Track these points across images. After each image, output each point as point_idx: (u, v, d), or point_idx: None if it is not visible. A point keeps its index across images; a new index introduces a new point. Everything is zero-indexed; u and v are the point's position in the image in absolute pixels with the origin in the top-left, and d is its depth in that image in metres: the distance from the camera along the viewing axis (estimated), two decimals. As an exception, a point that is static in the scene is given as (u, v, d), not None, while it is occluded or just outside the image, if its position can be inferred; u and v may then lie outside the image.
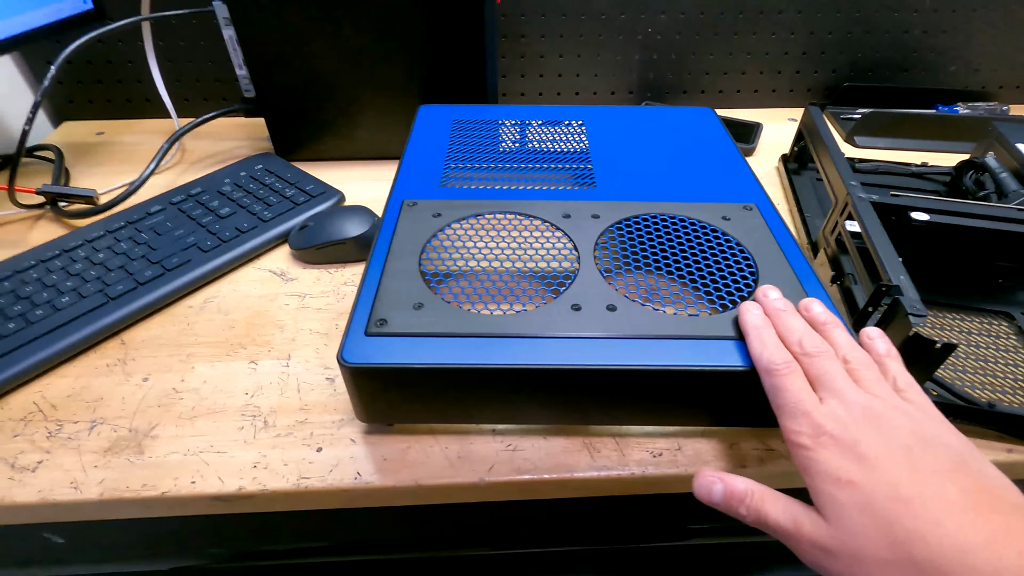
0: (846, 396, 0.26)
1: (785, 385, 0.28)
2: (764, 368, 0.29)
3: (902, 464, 0.24)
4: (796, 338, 0.30)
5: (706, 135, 0.52)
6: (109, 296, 0.43)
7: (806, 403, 0.27)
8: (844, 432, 0.25)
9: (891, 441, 0.24)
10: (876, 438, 0.25)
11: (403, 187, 0.45)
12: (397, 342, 0.32)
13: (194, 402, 0.38)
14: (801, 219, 0.53)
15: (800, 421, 0.26)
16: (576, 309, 0.34)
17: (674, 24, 0.67)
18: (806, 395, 0.27)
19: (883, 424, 0.25)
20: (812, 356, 0.29)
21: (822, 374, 0.28)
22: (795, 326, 0.30)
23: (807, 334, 0.30)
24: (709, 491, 0.28)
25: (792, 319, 0.31)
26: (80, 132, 0.70)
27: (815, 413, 0.26)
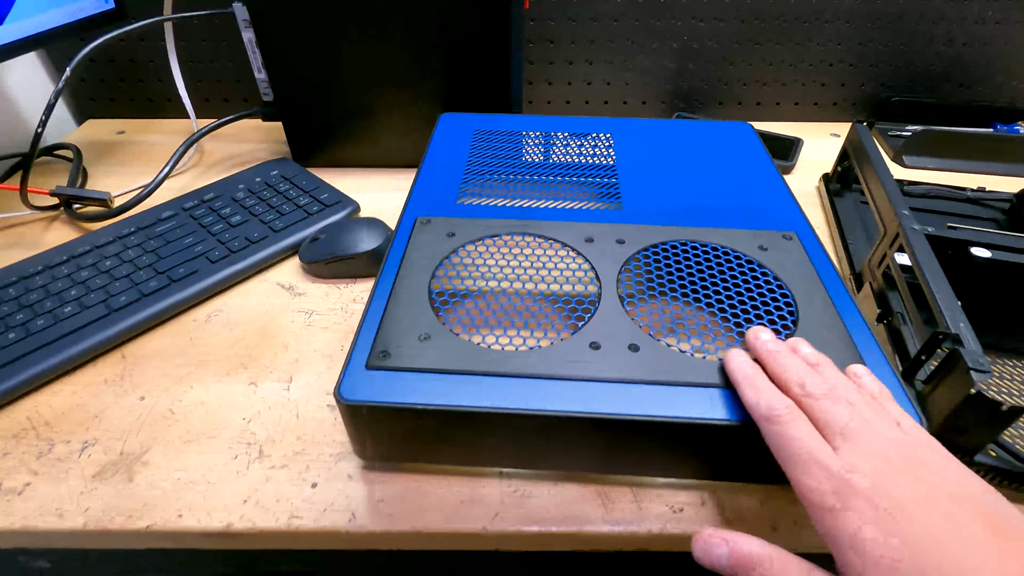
0: (864, 442, 0.23)
1: (791, 433, 0.24)
2: (764, 416, 0.26)
3: (948, 534, 0.20)
4: (796, 379, 0.27)
5: (743, 153, 0.49)
6: (111, 308, 0.42)
7: (820, 452, 0.23)
8: (874, 491, 0.22)
9: (929, 502, 0.21)
10: (909, 496, 0.22)
11: (418, 202, 0.42)
12: (400, 378, 0.30)
13: (189, 425, 0.36)
14: (843, 246, 0.49)
15: (817, 476, 0.23)
16: (595, 347, 0.31)
17: (711, 32, 0.64)
18: (818, 443, 0.24)
19: (913, 476, 0.22)
20: (817, 398, 0.26)
21: (831, 418, 0.25)
22: (793, 366, 0.28)
23: (808, 374, 0.27)
24: (710, 555, 0.24)
25: (788, 359, 0.28)
26: (102, 131, 0.69)
27: (834, 465, 0.23)
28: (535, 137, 0.51)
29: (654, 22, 0.63)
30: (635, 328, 0.32)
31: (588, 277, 0.36)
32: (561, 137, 0.51)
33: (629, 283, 0.35)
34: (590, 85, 0.68)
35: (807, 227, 0.40)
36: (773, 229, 0.40)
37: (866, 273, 0.44)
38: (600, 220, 0.40)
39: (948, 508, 0.21)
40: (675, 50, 0.65)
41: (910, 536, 0.20)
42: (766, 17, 0.62)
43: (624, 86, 0.68)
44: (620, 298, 0.34)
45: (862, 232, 0.51)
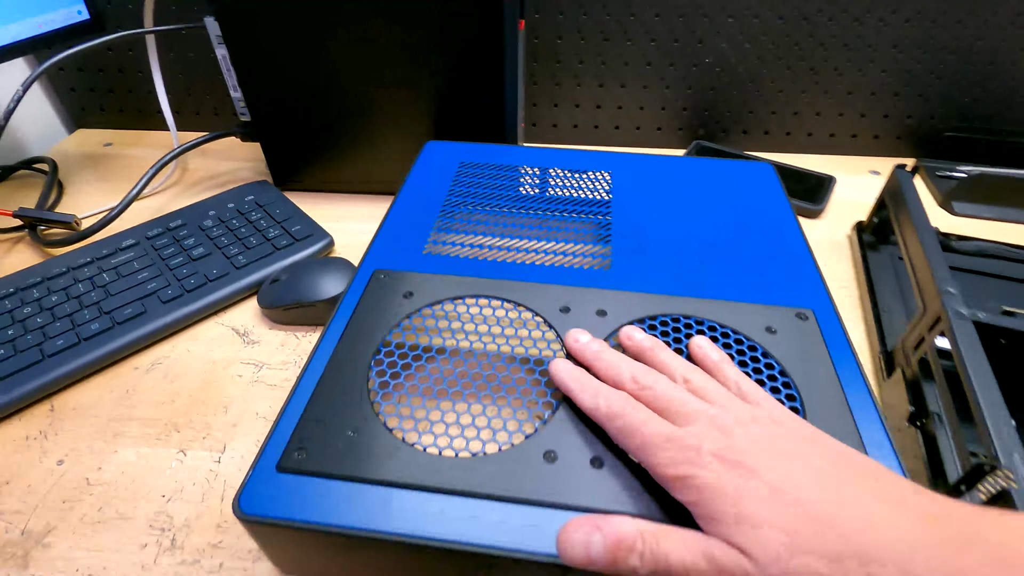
0: (706, 416, 0.24)
1: (635, 421, 0.24)
2: (605, 415, 0.25)
3: (799, 469, 0.22)
4: (627, 374, 0.27)
5: (760, 203, 0.42)
6: (45, 353, 0.38)
7: (667, 431, 0.23)
8: (726, 448, 0.22)
9: (775, 447, 0.23)
10: (760, 448, 0.22)
11: (379, 250, 0.38)
12: (313, 487, 0.25)
13: (104, 501, 0.32)
14: (875, 314, 0.43)
15: (669, 450, 0.23)
16: (550, 459, 0.26)
17: (738, 54, 0.57)
18: (663, 425, 0.24)
19: (757, 432, 0.23)
20: (651, 388, 0.26)
21: (669, 402, 0.25)
22: (620, 362, 0.28)
23: (636, 367, 0.27)
24: (586, 547, 0.21)
25: (613, 355, 0.28)
26: (90, 141, 0.67)
27: (684, 439, 0.23)
28: (524, 172, 0.45)
29: (673, 43, 0.57)
30: (602, 435, 0.27)
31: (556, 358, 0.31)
32: (553, 174, 0.45)
33: (604, 370, 0.30)
34: (600, 108, 0.62)
35: (828, 303, 0.34)
36: (787, 305, 0.33)
37: (899, 355, 0.37)
38: (582, 283, 0.35)
39: (792, 450, 0.22)
40: (696, 73, 0.59)
41: (767, 478, 0.21)
42: (802, 40, 0.56)
43: (638, 111, 0.62)
44: (590, 391, 0.29)
45: (899, 297, 0.44)
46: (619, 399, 0.25)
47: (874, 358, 0.40)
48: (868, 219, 0.50)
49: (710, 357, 0.28)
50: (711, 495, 0.21)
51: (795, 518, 0.20)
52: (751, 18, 0.55)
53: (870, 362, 0.40)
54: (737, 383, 0.27)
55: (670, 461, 0.22)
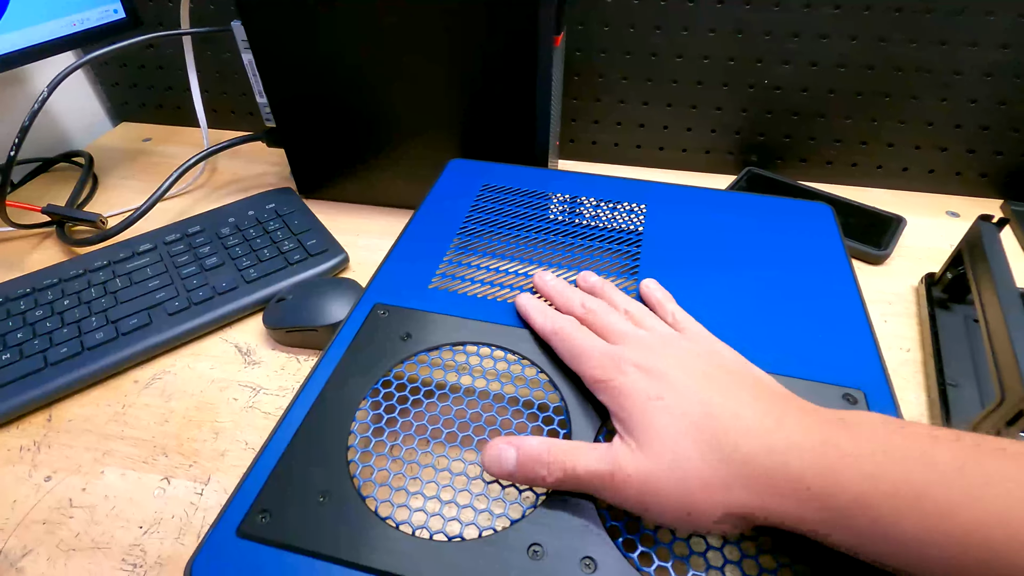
0: (634, 335, 0.28)
1: (575, 337, 0.28)
2: (552, 331, 0.29)
3: (701, 379, 0.25)
4: (576, 301, 0.31)
5: (813, 253, 0.37)
6: (48, 361, 0.38)
7: (601, 345, 0.27)
8: (644, 359, 0.26)
9: (685, 361, 0.26)
10: (673, 361, 0.26)
11: (384, 281, 0.35)
12: (272, 558, 0.23)
13: (83, 526, 0.31)
14: (939, 386, 0.37)
15: (600, 360, 0.27)
16: (535, 554, 0.23)
17: (801, 76, 0.52)
18: (599, 341, 0.28)
19: (674, 350, 0.27)
20: (595, 311, 0.30)
21: (606, 324, 0.29)
22: (572, 295, 0.32)
23: (586, 298, 0.31)
24: (499, 461, 0.24)
25: (569, 290, 0.32)
26: (131, 136, 0.68)
27: (612, 350, 0.27)
28: (549, 199, 0.42)
29: (728, 61, 0.52)
30: (599, 530, 0.23)
31: (557, 430, 0.27)
32: (581, 203, 0.42)
33: (610, 447, 0.26)
34: (643, 128, 0.58)
35: (883, 385, 0.29)
36: (833, 382, 0.29)
37: (966, 443, 0.32)
38: (598, 336, 0.31)
39: (701, 366, 0.26)
40: (752, 95, 0.54)
41: (671, 383, 0.24)
42: (877, 63, 0.50)
43: (685, 132, 0.57)
44: (591, 472, 0.25)
45: (971, 369, 0.38)
46: (566, 320, 0.29)
47: (935, 441, 0.35)
48: (941, 272, 0.44)
49: (654, 294, 0.32)
50: (625, 395, 0.25)
51: (690, 416, 0.23)
52: (818, 38, 0.49)
53: (929, 445, 0.35)
54: (673, 314, 0.30)
55: (597, 365, 0.26)
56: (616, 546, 0.23)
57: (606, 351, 0.27)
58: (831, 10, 0.48)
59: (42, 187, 0.59)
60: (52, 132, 0.64)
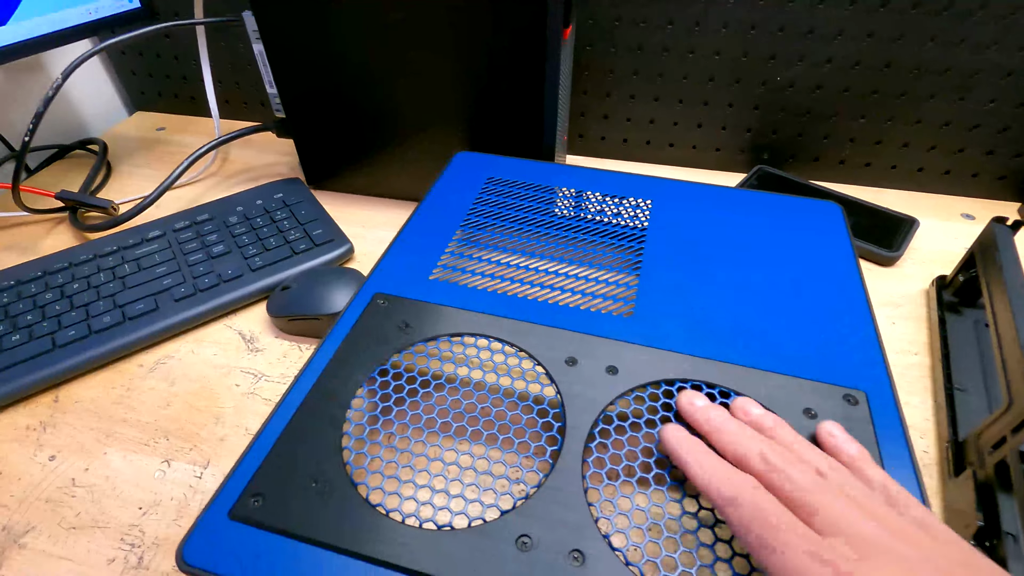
0: (858, 527, 0.19)
1: (766, 516, 0.20)
2: (727, 499, 0.21)
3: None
4: (755, 451, 0.23)
5: (820, 253, 0.37)
6: (56, 343, 0.38)
7: (809, 540, 0.19)
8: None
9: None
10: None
11: (386, 271, 0.35)
12: (263, 542, 0.23)
13: (84, 505, 0.32)
14: (946, 390, 0.36)
15: (809, 567, 0.18)
16: (523, 546, 0.23)
17: (815, 74, 0.51)
18: (801, 530, 0.20)
19: (918, 556, 0.19)
20: (784, 472, 0.22)
21: (807, 497, 0.21)
22: (747, 437, 0.24)
23: (767, 445, 0.23)
24: None
25: (739, 427, 0.24)
26: (146, 124, 0.69)
27: (832, 554, 0.19)
28: (554, 193, 0.42)
29: (741, 58, 0.51)
30: (588, 524, 0.23)
31: (550, 421, 0.27)
32: (586, 197, 0.42)
33: (604, 443, 0.26)
34: (653, 124, 0.57)
35: (886, 386, 0.29)
36: (836, 383, 0.28)
37: (971, 450, 0.31)
38: (597, 331, 0.31)
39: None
40: (764, 92, 0.53)
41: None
42: (894, 61, 0.49)
43: (695, 128, 0.57)
44: (583, 465, 0.25)
45: (980, 374, 0.37)
46: (744, 483, 0.22)
47: (940, 447, 0.34)
48: (952, 275, 0.43)
49: (846, 451, 0.24)
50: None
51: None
52: (834, 35, 0.48)
53: (935, 451, 0.34)
54: (884, 487, 0.22)
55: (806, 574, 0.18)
56: (605, 540, 0.23)
57: (821, 556, 0.19)
58: (845, 7, 0.47)
59: (58, 173, 0.60)
60: (69, 120, 0.65)
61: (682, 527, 0.24)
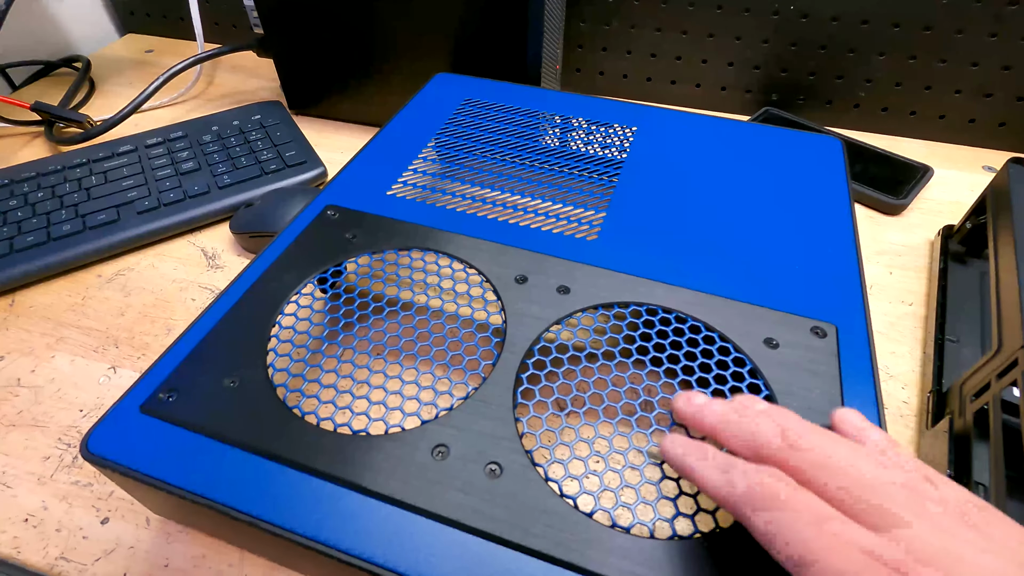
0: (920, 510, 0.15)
1: (797, 509, 0.16)
2: (745, 500, 0.17)
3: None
4: (771, 428, 0.18)
5: (813, 186, 0.34)
6: (15, 247, 0.38)
7: (850, 531, 0.15)
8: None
9: None
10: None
11: (342, 185, 0.34)
12: (171, 436, 0.22)
13: (26, 405, 0.31)
14: (936, 340, 0.34)
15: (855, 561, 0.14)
16: (439, 456, 0.21)
17: (833, 3, 0.46)
18: (838, 522, 0.15)
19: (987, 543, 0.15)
20: (806, 450, 0.17)
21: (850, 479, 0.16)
22: (758, 416, 0.19)
23: (787, 418, 0.19)
24: None
25: (748, 414, 0.19)
26: (134, 47, 0.67)
27: (885, 552, 0.15)
28: (532, 117, 0.39)
29: (752, -18, 0.47)
30: (512, 437, 0.22)
31: (489, 337, 0.26)
32: (567, 123, 0.39)
33: (543, 360, 0.24)
34: (655, 58, 0.54)
35: (861, 320, 0.26)
36: (805, 315, 0.26)
37: (953, 399, 0.29)
38: (555, 251, 0.29)
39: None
40: (776, 23, 0.49)
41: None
42: (919, -11, 0.44)
43: (700, 65, 0.53)
44: (516, 381, 0.23)
45: (978, 326, 0.35)
46: (766, 475, 0.17)
47: (922, 398, 0.32)
48: (960, 223, 0.39)
49: (854, 425, 0.19)
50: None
51: None
52: (856, -44, 0.44)
53: (917, 401, 0.32)
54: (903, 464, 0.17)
55: None
56: (527, 455, 0.21)
57: (877, 552, 0.15)
58: (871, -77, 0.42)
59: (42, 89, 0.59)
60: (58, 39, 0.63)
61: (612, 447, 0.22)
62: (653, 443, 0.22)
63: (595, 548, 0.19)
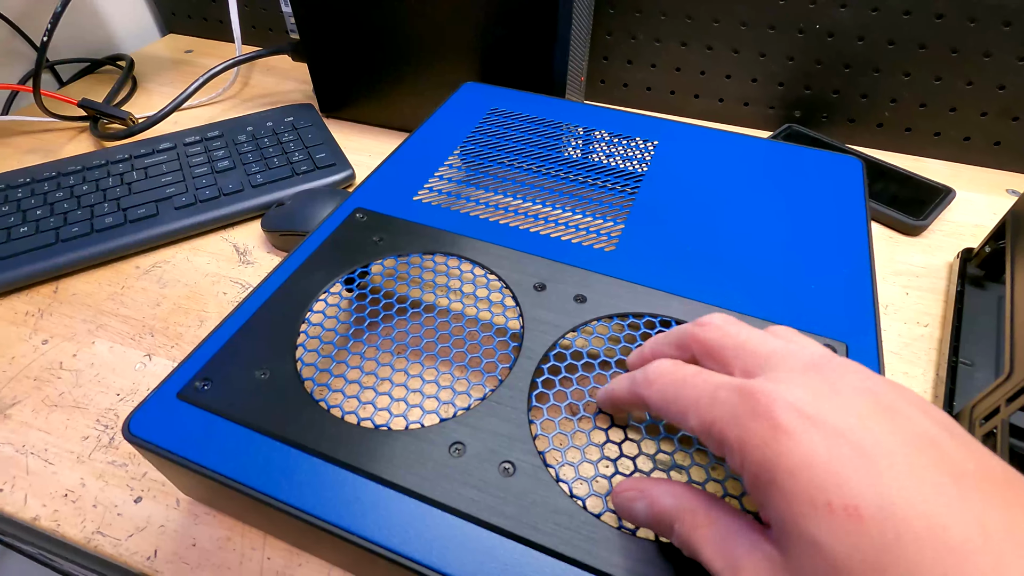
0: (785, 353, 0.18)
1: (684, 374, 0.19)
2: (642, 381, 0.20)
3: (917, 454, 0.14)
4: (686, 326, 0.21)
5: (830, 205, 0.34)
6: (60, 237, 0.40)
7: (728, 378, 0.18)
8: (811, 400, 0.16)
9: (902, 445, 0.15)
10: (879, 434, 0.15)
11: (370, 188, 0.35)
12: (204, 422, 0.23)
13: (67, 387, 0.33)
14: (949, 363, 0.34)
15: (730, 401, 0.17)
16: (456, 452, 0.22)
17: (859, 22, 0.47)
18: (722, 376, 0.18)
19: (870, 393, 0.16)
20: (711, 325, 0.20)
21: (731, 343, 0.19)
22: (676, 330, 0.21)
23: (681, 327, 0.21)
24: (630, 509, 0.19)
25: (663, 333, 0.22)
26: (175, 47, 0.70)
27: (758, 387, 0.16)
28: (553, 127, 0.40)
29: (778, 1, 0.48)
30: (525, 438, 0.23)
31: (507, 341, 0.27)
32: (590, 135, 0.40)
33: (558, 365, 0.25)
34: (679, 72, 0.54)
35: (871, 339, 0.27)
36: (816, 332, 0.27)
37: (963, 421, 0.29)
38: (573, 261, 0.30)
39: (913, 426, 0.15)
40: (801, 41, 0.49)
41: (875, 466, 0.14)
42: (948, 12, 0.44)
43: (724, 80, 0.53)
44: (532, 385, 0.24)
45: (991, 350, 0.35)
46: (661, 361, 0.20)
47: (932, 419, 0.32)
48: (980, 247, 0.39)
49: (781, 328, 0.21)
50: (788, 478, 0.15)
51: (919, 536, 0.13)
52: (884, -23, 0.44)
53: (927, 422, 0.32)
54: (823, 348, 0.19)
55: (733, 414, 0.16)
56: (540, 455, 0.22)
57: (752, 391, 0.16)
58: (900, -55, 0.43)
59: (89, 86, 0.62)
60: (103, 37, 0.66)
61: (621, 451, 0.23)
62: (663, 450, 0.23)
63: (602, 547, 0.20)
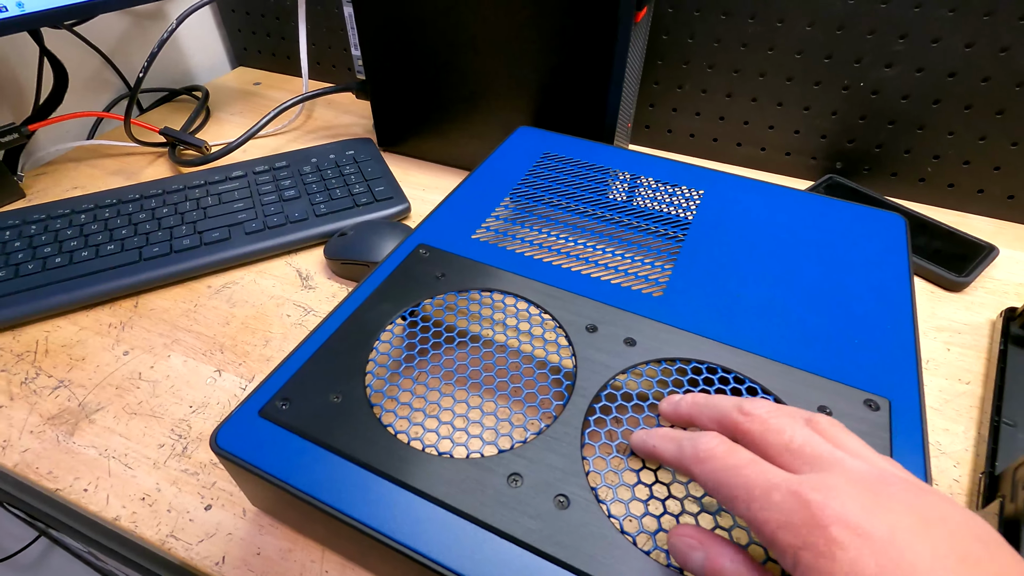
0: (833, 460, 0.19)
1: (736, 461, 0.19)
2: (691, 456, 0.21)
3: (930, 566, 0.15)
4: (729, 404, 0.22)
5: (873, 260, 0.35)
6: (143, 256, 0.43)
7: (781, 476, 0.18)
8: (860, 514, 0.16)
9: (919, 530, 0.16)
10: (901, 524, 0.16)
11: (432, 226, 0.38)
12: (282, 439, 0.26)
13: (146, 396, 0.36)
14: (992, 422, 0.34)
15: (784, 506, 0.17)
16: (513, 483, 0.24)
17: (904, 81, 0.48)
18: (774, 471, 0.19)
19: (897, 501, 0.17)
20: (757, 417, 0.21)
21: (784, 438, 0.20)
22: (720, 399, 0.23)
23: (737, 402, 0.22)
24: (686, 556, 0.20)
25: (715, 397, 0.23)
26: (244, 79, 0.75)
27: (812, 498, 0.17)
28: (607, 174, 0.42)
29: (824, 59, 0.49)
30: (579, 473, 0.24)
31: (561, 379, 0.28)
32: (639, 182, 0.42)
33: (609, 405, 0.27)
34: (723, 121, 0.56)
35: (914, 396, 0.28)
36: (859, 386, 0.28)
37: (1006, 482, 0.30)
38: (623, 304, 0.32)
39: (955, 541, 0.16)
40: (845, 97, 0.51)
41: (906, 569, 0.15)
42: (994, 74, 0.45)
43: (767, 130, 0.55)
44: (584, 423, 0.26)
45: (1035, 412, 0.35)
46: (712, 437, 0.21)
47: (974, 478, 0.33)
48: (1023, 307, 0.40)
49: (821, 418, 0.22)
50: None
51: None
52: (929, 41, 0.46)
53: (968, 481, 0.33)
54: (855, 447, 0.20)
55: (783, 520, 0.17)
56: (592, 491, 0.24)
57: (798, 492, 0.17)
58: (946, 12, 0.44)
59: (166, 113, 0.67)
60: (180, 68, 0.72)
61: (669, 492, 0.24)
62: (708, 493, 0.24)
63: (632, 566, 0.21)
